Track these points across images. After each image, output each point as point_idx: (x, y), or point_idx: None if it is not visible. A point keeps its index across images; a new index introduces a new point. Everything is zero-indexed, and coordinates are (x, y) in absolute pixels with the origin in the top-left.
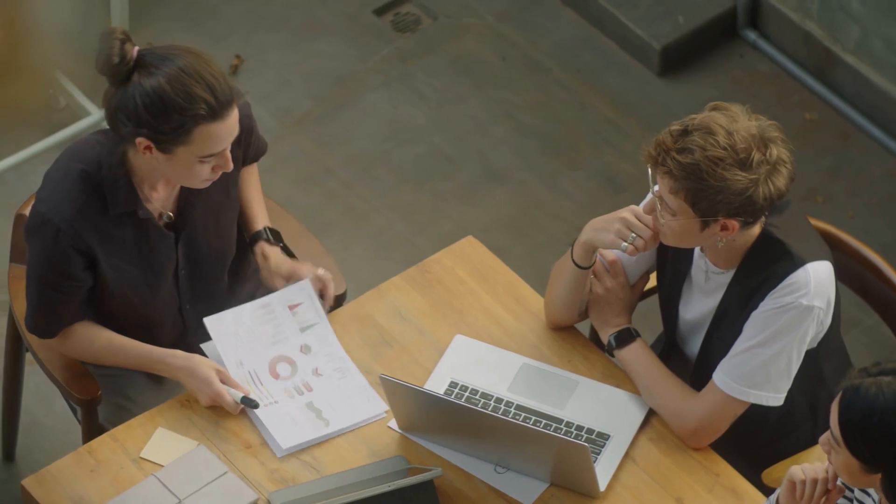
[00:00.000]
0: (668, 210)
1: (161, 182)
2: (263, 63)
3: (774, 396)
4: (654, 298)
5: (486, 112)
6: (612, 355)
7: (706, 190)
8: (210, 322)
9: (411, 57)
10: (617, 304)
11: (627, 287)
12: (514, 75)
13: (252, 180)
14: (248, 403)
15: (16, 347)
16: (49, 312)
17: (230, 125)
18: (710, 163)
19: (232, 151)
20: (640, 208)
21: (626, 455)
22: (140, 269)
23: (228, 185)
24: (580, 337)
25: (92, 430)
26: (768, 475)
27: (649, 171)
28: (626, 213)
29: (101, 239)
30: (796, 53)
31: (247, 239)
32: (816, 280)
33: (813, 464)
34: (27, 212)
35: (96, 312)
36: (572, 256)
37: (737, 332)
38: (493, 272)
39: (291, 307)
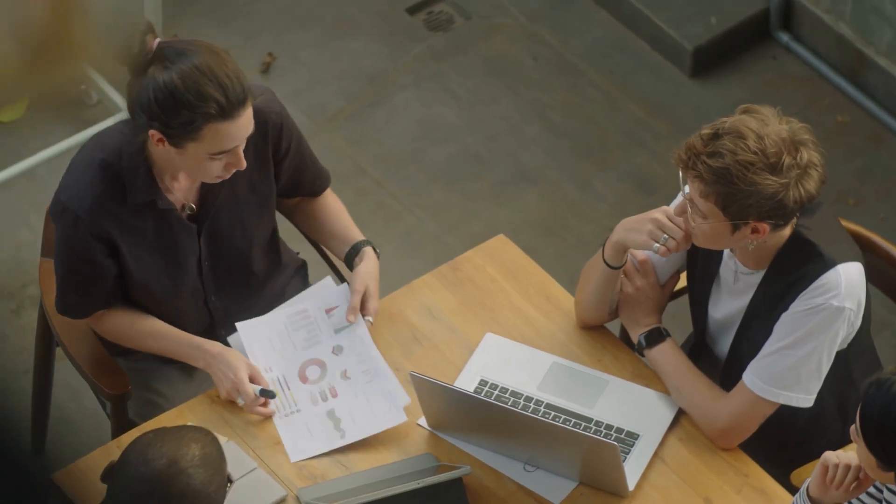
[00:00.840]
0: (699, 213)
1: (182, 173)
2: (295, 61)
3: (804, 398)
4: (685, 299)
5: (517, 112)
6: (642, 355)
7: (736, 194)
8: (242, 328)
9: (443, 56)
10: (647, 304)
11: (658, 286)
12: (545, 75)
13: (333, 207)
14: (266, 394)
15: (46, 342)
16: (77, 294)
17: (241, 124)
18: (740, 167)
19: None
20: (671, 209)
21: (656, 454)
22: (162, 260)
23: (255, 183)
24: (610, 336)
25: (121, 424)
26: (797, 476)
27: (680, 173)
28: (657, 213)
29: (120, 228)
30: (829, 55)
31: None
32: (847, 281)
33: (847, 451)
34: None
35: (123, 302)
36: (603, 256)
37: (767, 333)
38: (524, 271)
39: (328, 311)
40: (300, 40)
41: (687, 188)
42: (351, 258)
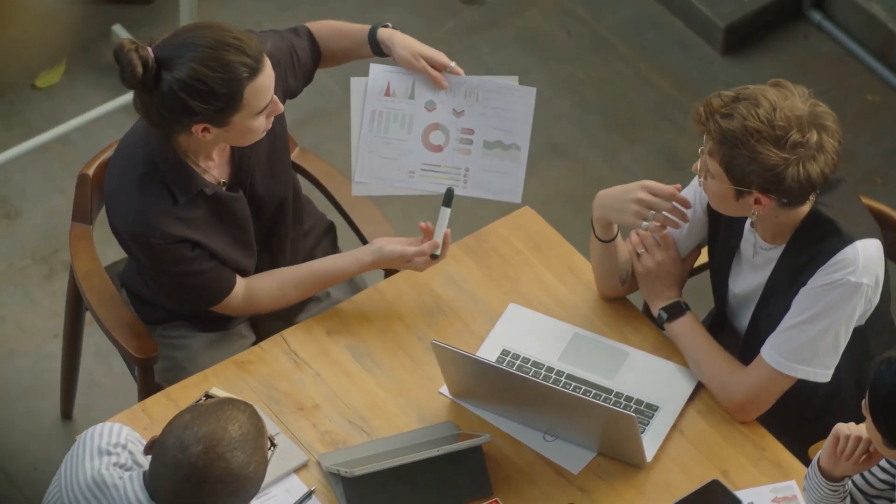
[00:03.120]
0: (707, 170)
1: (216, 149)
2: None
3: (822, 373)
4: (706, 275)
5: (549, 86)
6: (663, 328)
7: (738, 158)
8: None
9: (477, 30)
10: (668, 278)
11: (678, 260)
12: (578, 51)
13: (327, 29)
14: (449, 197)
15: (76, 307)
16: (195, 290)
17: (269, 72)
18: (746, 132)
19: (277, 88)
20: (652, 183)
21: (674, 427)
22: (228, 236)
23: (273, 125)
24: (633, 309)
25: (148, 388)
26: (815, 450)
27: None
28: (640, 192)
29: (186, 226)
30: (860, 35)
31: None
32: (865, 257)
33: (859, 424)
34: (90, 172)
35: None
36: (594, 232)
37: (785, 308)
38: (549, 242)
39: (385, 94)
40: (335, 12)
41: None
42: (376, 43)
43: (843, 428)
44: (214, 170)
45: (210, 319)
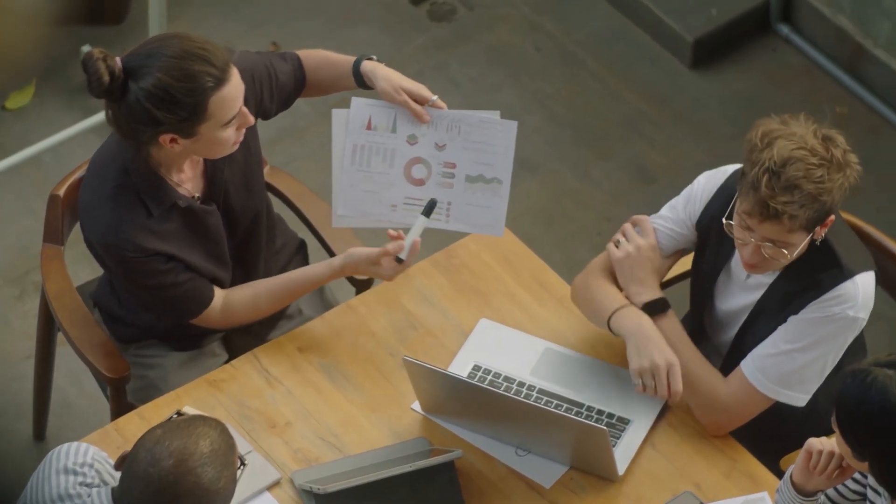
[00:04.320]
0: (784, 246)
1: (187, 162)
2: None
3: (803, 397)
4: (678, 287)
5: (519, 102)
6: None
7: (822, 209)
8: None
9: (447, 46)
10: (647, 263)
11: (657, 249)
12: (548, 66)
13: (315, 58)
14: (430, 207)
15: (48, 327)
16: (172, 303)
17: (236, 82)
18: (816, 185)
19: (249, 102)
20: (671, 359)
21: (646, 440)
22: (202, 248)
23: (248, 140)
24: None
25: (120, 408)
26: (787, 462)
27: (731, 232)
28: (662, 363)
29: (159, 239)
30: (828, 48)
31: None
32: (864, 293)
33: (831, 438)
34: (61, 192)
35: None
36: (609, 325)
37: (771, 330)
38: (519, 258)
39: (367, 128)
40: (305, 30)
41: (748, 233)
42: (359, 75)
43: (816, 443)
44: (188, 183)
45: (183, 338)
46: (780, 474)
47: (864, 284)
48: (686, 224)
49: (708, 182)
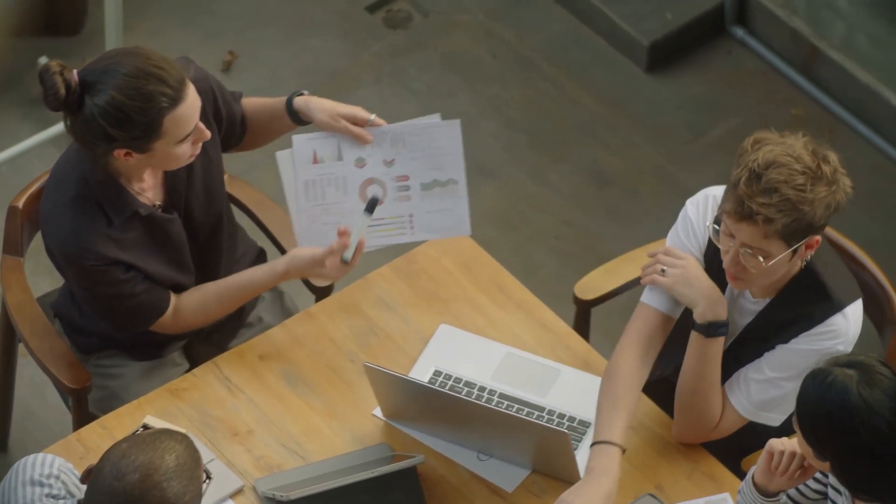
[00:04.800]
0: (761, 254)
1: (147, 171)
2: (256, 59)
3: (779, 418)
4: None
5: (475, 107)
6: (695, 327)
7: (802, 218)
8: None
9: (402, 53)
10: (702, 274)
11: (700, 262)
12: (503, 71)
13: (252, 105)
14: (372, 205)
15: (8, 338)
16: (129, 313)
17: (191, 102)
18: (797, 192)
19: (205, 117)
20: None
21: None
22: (163, 256)
23: (206, 148)
24: (563, 326)
25: (82, 418)
26: (748, 462)
27: (713, 230)
28: None
29: (119, 247)
30: (783, 50)
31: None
32: (854, 327)
33: (792, 438)
34: (20, 204)
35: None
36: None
37: (756, 355)
38: (478, 263)
39: (314, 163)
40: (261, 38)
41: (730, 240)
42: (293, 112)
43: (777, 444)
44: (149, 191)
45: (144, 347)
46: (741, 475)
47: (854, 316)
48: (695, 254)
49: (698, 210)
